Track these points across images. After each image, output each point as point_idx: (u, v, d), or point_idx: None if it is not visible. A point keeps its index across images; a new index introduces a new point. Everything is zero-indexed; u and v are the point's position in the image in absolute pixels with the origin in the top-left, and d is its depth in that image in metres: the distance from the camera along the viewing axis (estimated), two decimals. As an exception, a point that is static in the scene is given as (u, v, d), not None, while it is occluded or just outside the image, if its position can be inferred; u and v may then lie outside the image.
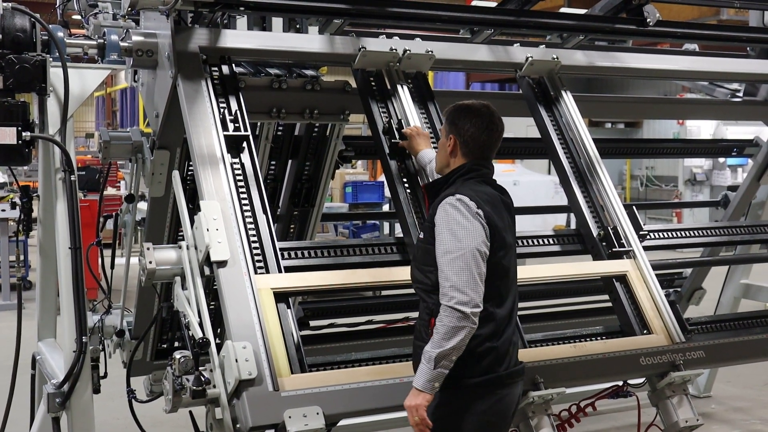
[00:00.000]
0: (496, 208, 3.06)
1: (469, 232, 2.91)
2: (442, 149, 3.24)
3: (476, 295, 2.86)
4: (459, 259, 2.88)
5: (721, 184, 16.95)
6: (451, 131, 3.19)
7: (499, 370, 3.01)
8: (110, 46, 3.93)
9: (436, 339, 2.86)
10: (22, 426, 4.71)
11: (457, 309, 2.83)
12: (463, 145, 3.16)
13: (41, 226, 4.45)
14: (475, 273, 2.88)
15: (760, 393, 7.32)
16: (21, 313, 4.49)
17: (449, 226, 2.94)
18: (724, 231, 4.92)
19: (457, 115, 3.19)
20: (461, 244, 2.89)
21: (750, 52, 5.77)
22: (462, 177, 3.13)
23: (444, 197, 3.03)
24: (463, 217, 2.93)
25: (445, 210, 2.97)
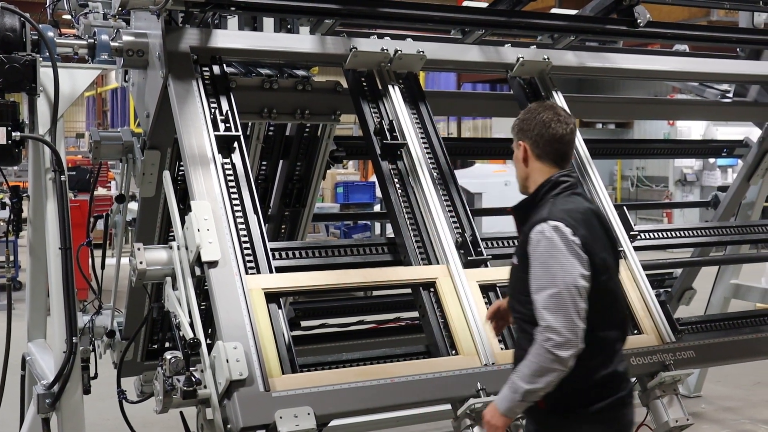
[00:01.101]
0: (591, 227, 2.83)
1: (564, 267, 2.69)
2: (517, 163, 3.01)
3: (573, 336, 2.66)
4: (554, 297, 2.67)
5: (711, 184, 17.02)
6: (518, 137, 2.98)
7: (618, 393, 2.88)
8: (101, 46, 3.92)
9: (526, 373, 2.71)
10: (12, 427, 4.69)
11: (552, 352, 2.66)
12: (534, 146, 2.93)
13: (31, 227, 4.43)
14: (572, 312, 2.67)
15: (749, 393, 7.35)
16: (11, 314, 4.48)
17: (542, 260, 2.72)
18: (715, 231, 4.94)
19: (520, 119, 3.00)
20: (556, 280, 2.68)
21: (740, 53, 5.80)
22: (550, 193, 2.90)
23: (535, 223, 2.80)
24: (557, 249, 2.70)
25: (538, 241, 2.75)
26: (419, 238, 3.68)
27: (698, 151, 8.61)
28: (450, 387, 3.23)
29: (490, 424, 2.83)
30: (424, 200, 3.74)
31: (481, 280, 3.58)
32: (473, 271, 3.61)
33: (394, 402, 3.18)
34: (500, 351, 3.40)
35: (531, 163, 2.97)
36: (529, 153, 2.96)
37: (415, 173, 3.82)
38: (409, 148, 3.87)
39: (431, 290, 3.52)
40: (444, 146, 4.01)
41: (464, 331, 3.39)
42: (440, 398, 3.26)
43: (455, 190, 3.87)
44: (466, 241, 3.67)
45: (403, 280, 3.59)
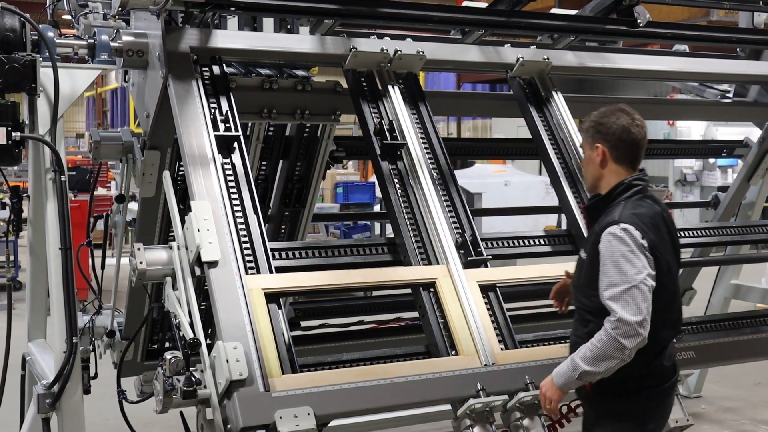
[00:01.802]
0: (658, 231, 3.00)
1: (634, 266, 2.87)
2: (590, 164, 3.14)
3: (642, 329, 2.85)
4: (626, 293, 2.85)
5: (711, 184, 17.02)
6: (596, 140, 3.09)
7: (663, 384, 3.09)
8: (100, 46, 3.92)
9: (589, 356, 2.89)
10: (12, 427, 4.70)
11: (619, 341, 2.83)
12: (613, 149, 3.06)
13: (31, 227, 4.43)
14: (643, 307, 2.84)
15: (749, 393, 7.35)
16: (11, 314, 4.48)
17: (614, 259, 2.89)
18: (715, 232, 4.94)
19: (597, 121, 3.10)
20: (627, 278, 2.85)
21: (740, 53, 5.79)
22: (623, 195, 3.05)
23: (607, 224, 2.96)
24: (628, 249, 2.88)
25: (609, 241, 2.91)
26: (419, 239, 3.68)
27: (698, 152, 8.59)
28: (450, 387, 3.23)
29: (546, 396, 3.06)
30: (423, 200, 3.74)
31: (481, 281, 3.59)
32: (473, 271, 3.61)
33: (394, 402, 3.18)
34: (500, 351, 3.40)
35: (608, 165, 3.10)
36: (608, 156, 3.08)
37: (415, 173, 3.82)
38: (408, 148, 3.87)
39: (431, 290, 3.52)
40: (444, 146, 4.01)
41: (464, 331, 3.39)
42: (440, 398, 3.26)
43: (455, 190, 3.87)
44: (466, 241, 3.67)
45: (403, 281, 3.59)
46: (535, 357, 3.47)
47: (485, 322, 3.46)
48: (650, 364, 3.04)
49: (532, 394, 3.30)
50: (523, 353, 3.48)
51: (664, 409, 3.20)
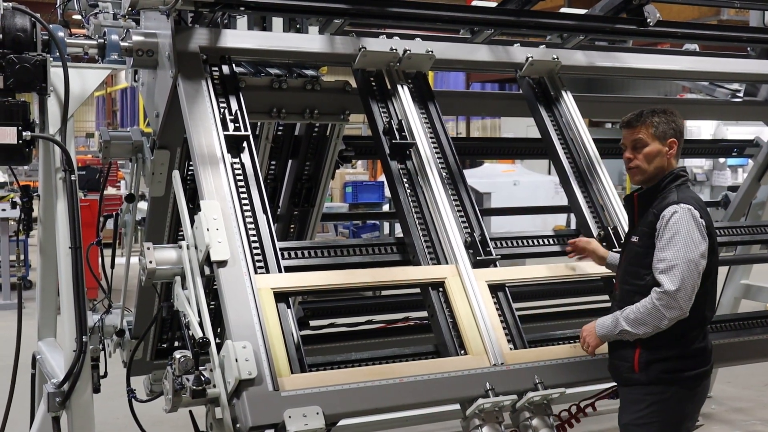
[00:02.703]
0: (709, 215, 3.27)
1: (693, 245, 3.11)
2: (658, 156, 3.34)
3: (686, 305, 3.11)
4: (678, 269, 3.09)
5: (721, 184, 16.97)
6: (671, 135, 3.35)
7: (705, 366, 3.32)
8: (110, 45, 3.93)
9: (632, 317, 3.16)
10: (23, 425, 4.71)
11: (661, 311, 3.10)
12: (679, 145, 3.37)
13: (41, 226, 4.45)
14: (689, 285, 3.10)
15: (760, 394, 7.32)
16: (21, 313, 4.50)
17: (672, 235, 3.13)
18: (725, 231, 4.92)
19: (669, 119, 3.35)
20: (683, 255, 3.10)
21: (750, 53, 5.77)
22: (674, 183, 3.31)
23: (667, 205, 3.20)
24: (689, 228, 3.13)
25: (672, 219, 3.15)
26: (428, 238, 3.68)
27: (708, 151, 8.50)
28: (459, 387, 3.23)
29: (585, 340, 3.35)
30: (433, 200, 3.74)
31: (490, 280, 3.58)
32: (482, 270, 3.61)
33: (402, 402, 3.17)
34: (509, 351, 3.39)
35: (672, 158, 3.38)
36: (676, 150, 3.38)
37: (424, 173, 3.81)
38: (418, 147, 3.87)
39: (440, 290, 3.52)
40: (453, 146, 4.00)
41: (473, 331, 3.38)
42: (449, 398, 3.26)
43: (464, 189, 3.87)
44: (475, 240, 3.67)
45: (411, 280, 3.59)
46: (544, 357, 3.46)
47: (494, 321, 3.46)
48: (694, 344, 3.26)
49: (541, 394, 3.30)
50: (532, 353, 3.47)
51: (702, 392, 3.38)
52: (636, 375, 3.28)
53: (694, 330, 3.26)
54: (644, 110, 3.41)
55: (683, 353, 3.25)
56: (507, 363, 3.33)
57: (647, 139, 3.36)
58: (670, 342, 3.22)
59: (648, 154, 3.36)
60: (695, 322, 3.23)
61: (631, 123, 3.41)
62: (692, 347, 3.28)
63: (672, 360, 3.24)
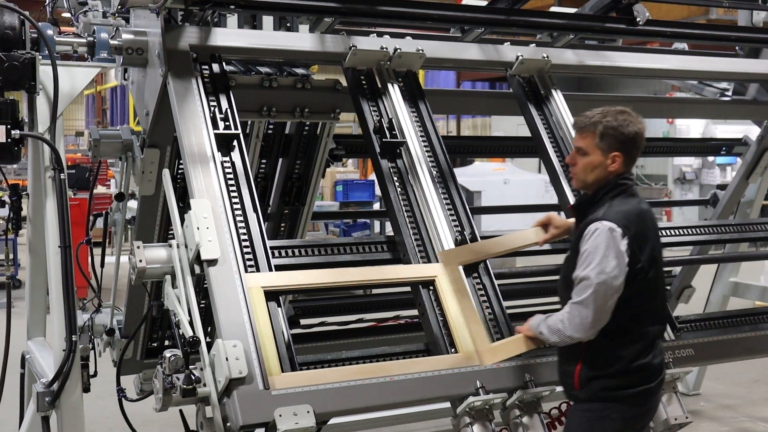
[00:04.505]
0: (644, 227, 3.08)
1: (607, 266, 2.95)
2: (598, 169, 3.13)
3: (593, 330, 3.01)
4: (589, 289, 2.96)
5: (710, 182, 17.04)
6: (616, 148, 3.10)
7: (649, 384, 3.14)
8: (100, 44, 3.92)
9: (550, 324, 3.09)
10: (12, 425, 4.70)
11: (569, 328, 3.02)
12: (627, 156, 3.12)
13: (31, 225, 4.43)
14: (601, 308, 2.97)
15: (748, 390, 7.36)
16: (10, 312, 4.48)
17: (589, 254, 2.98)
18: (714, 229, 4.94)
19: (615, 128, 3.10)
20: (597, 277, 2.95)
21: (739, 52, 5.80)
22: (610, 194, 3.11)
23: (590, 221, 3.04)
24: (605, 247, 2.96)
25: (591, 236, 3.00)
26: (418, 237, 3.68)
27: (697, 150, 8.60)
28: (449, 385, 3.23)
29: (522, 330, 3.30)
30: (423, 198, 3.75)
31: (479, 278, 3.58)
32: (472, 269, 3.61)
33: (393, 400, 3.18)
34: (499, 349, 3.40)
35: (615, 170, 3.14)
36: (621, 163, 3.13)
37: (415, 171, 3.82)
38: (408, 146, 3.87)
39: (430, 288, 3.52)
40: (443, 144, 4.01)
41: (463, 329, 3.39)
42: (439, 396, 3.26)
43: (454, 188, 3.87)
44: (466, 239, 3.68)
45: (402, 279, 3.59)
46: (534, 355, 3.47)
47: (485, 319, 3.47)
48: (635, 361, 3.09)
49: (531, 392, 3.31)
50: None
51: (649, 409, 3.24)
52: (576, 392, 3.17)
53: (636, 345, 3.10)
54: (596, 114, 3.15)
55: (624, 369, 3.09)
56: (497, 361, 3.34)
57: (588, 149, 3.14)
58: (610, 358, 3.09)
59: (587, 164, 3.15)
60: (637, 337, 3.10)
61: (577, 126, 3.21)
62: (634, 364, 3.10)
63: (612, 377, 3.09)
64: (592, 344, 3.07)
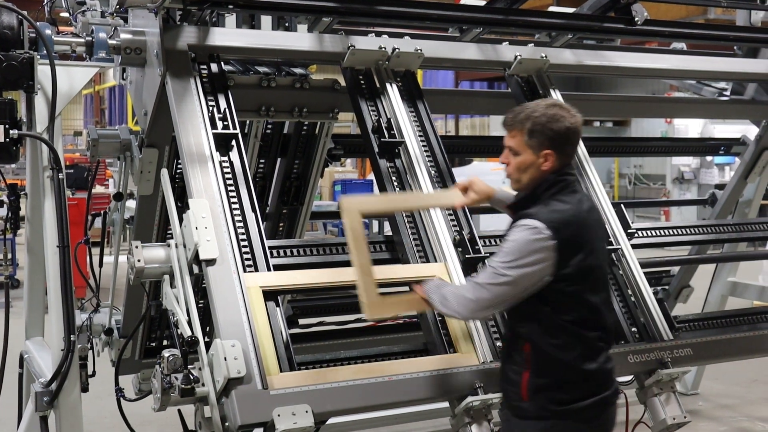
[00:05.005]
0: (579, 233, 2.87)
1: (520, 263, 2.78)
2: (530, 168, 2.92)
3: (480, 315, 3.03)
4: (494, 277, 2.81)
5: (708, 182, 17.05)
6: (544, 146, 2.89)
7: (602, 393, 2.92)
8: (98, 43, 3.91)
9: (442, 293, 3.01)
10: (10, 425, 4.69)
11: (455, 309, 2.96)
12: (560, 154, 2.91)
13: (29, 225, 4.43)
14: (496, 299, 2.83)
15: (746, 390, 7.36)
16: (9, 312, 4.47)
17: (508, 246, 2.82)
18: (712, 229, 4.95)
19: (545, 125, 2.89)
20: (506, 270, 2.79)
21: (737, 51, 5.80)
22: (549, 191, 2.91)
23: (523, 215, 2.85)
24: (524, 245, 2.79)
25: (517, 231, 2.82)
26: (417, 236, 3.68)
27: (696, 149, 8.61)
28: (448, 385, 3.23)
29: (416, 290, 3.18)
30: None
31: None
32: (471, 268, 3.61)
33: (391, 400, 3.18)
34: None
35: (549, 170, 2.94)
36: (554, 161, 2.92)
37: (413, 171, 3.82)
38: (406, 146, 3.87)
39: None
40: (442, 144, 4.01)
41: (462, 329, 3.39)
42: (438, 396, 3.27)
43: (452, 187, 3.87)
44: (464, 239, 3.68)
45: (401, 278, 3.58)
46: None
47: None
48: (579, 366, 2.88)
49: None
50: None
51: (604, 424, 2.98)
52: (525, 404, 2.91)
53: (573, 350, 2.86)
54: (524, 110, 2.95)
55: (573, 377, 2.87)
56: (496, 361, 3.34)
57: (518, 147, 2.93)
58: (555, 363, 2.86)
59: (519, 164, 2.95)
60: (571, 340, 2.86)
61: (505, 124, 2.99)
62: (581, 368, 2.87)
63: (560, 387, 2.87)
64: (537, 348, 2.87)
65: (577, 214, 2.90)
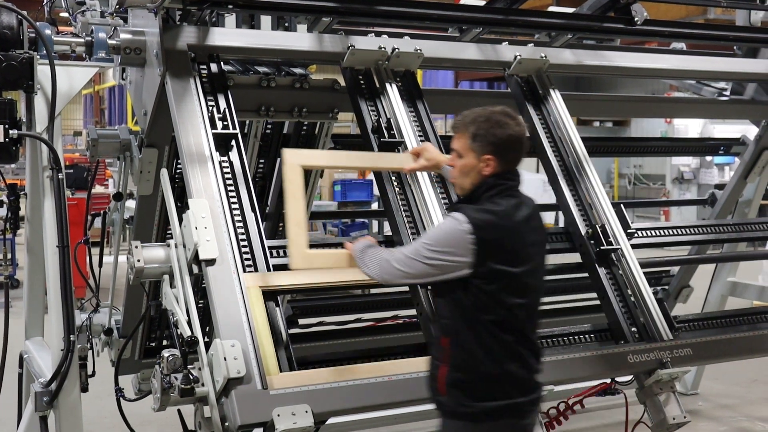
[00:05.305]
0: (507, 239, 2.85)
1: (439, 249, 2.80)
2: (472, 171, 2.94)
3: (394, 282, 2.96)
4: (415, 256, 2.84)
5: (708, 182, 17.06)
6: (486, 151, 2.90)
7: (513, 398, 2.85)
8: (98, 43, 3.91)
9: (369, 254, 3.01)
10: (10, 425, 4.69)
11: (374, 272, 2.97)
12: (502, 160, 2.92)
13: (29, 225, 4.43)
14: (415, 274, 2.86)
15: (746, 390, 7.36)
16: (8, 312, 4.47)
17: (434, 232, 2.90)
18: (712, 229, 4.95)
19: (487, 131, 2.91)
20: (426, 252, 2.82)
21: (737, 51, 5.80)
22: (487, 194, 2.92)
23: (456, 208, 2.90)
24: (448, 234, 2.81)
25: (446, 219, 2.88)
26: (417, 236, 3.68)
27: (695, 149, 8.61)
28: (447, 385, 3.22)
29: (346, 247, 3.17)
30: (421, 198, 3.74)
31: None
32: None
33: (391, 400, 3.18)
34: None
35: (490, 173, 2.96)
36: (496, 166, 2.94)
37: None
38: (406, 146, 3.87)
39: (428, 288, 3.52)
40: (441, 144, 4.01)
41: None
42: (438, 396, 3.26)
43: (452, 188, 3.87)
44: (464, 239, 3.67)
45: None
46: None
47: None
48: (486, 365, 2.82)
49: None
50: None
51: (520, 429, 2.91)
52: (442, 398, 2.90)
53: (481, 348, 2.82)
54: (470, 114, 2.97)
55: (485, 377, 2.83)
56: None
57: (462, 150, 2.95)
58: (471, 362, 2.83)
59: (462, 167, 2.96)
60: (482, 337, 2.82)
61: (453, 126, 3.03)
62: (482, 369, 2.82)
63: (472, 384, 2.83)
64: (455, 342, 2.86)
65: (506, 218, 2.88)
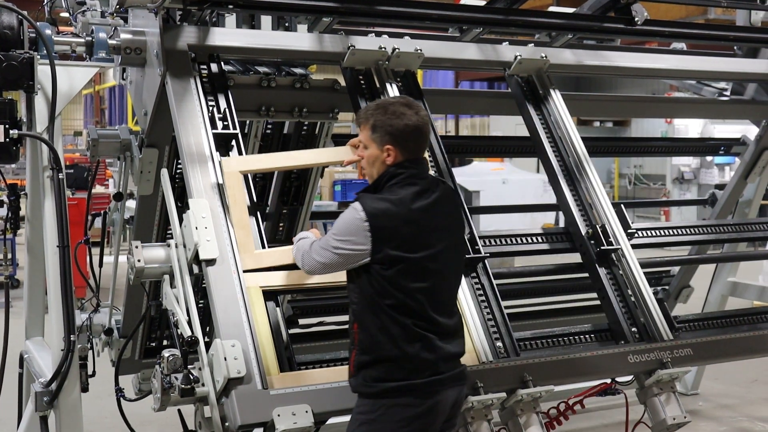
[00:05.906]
0: (399, 219, 2.91)
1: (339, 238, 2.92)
2: (377, 162, 3.03)
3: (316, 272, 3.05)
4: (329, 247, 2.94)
5: (708, 182, 17.05)
6: (385, 141, 3.00)
7: (415, 379, 2.88)
8: (98, 43, 3.92)
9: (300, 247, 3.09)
10: (10, 425, 4.69)
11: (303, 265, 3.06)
12: (403, 149, 3.00)
13: (29, 225, 4.43)
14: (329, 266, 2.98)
15: (746, 390, 7.36)
16: (9, 312, 4.47)
17: (337, 223, 2.96)
18: (712, 229, 4.95)
19: (385, 122, 3.00)
20: (335, 245, 2.92)
21: (737, 51, 5.80)
22: (388, 183, 3.01)
23: (356, 198, 2.98)
24: (347, 222, 2.92)
25: (347, 210, 2.96)
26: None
27: (696, 149, 8.60)
28: (448, 385, 3.22)
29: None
30: (421, 198, 3.73)
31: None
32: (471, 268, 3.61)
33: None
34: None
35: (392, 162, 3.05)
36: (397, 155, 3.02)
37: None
38: (406, 146, 3.86)
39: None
40: (442, 144, 4.01)
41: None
42: (438, 396, 3.25)
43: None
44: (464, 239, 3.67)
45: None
46: (533, 355, 3.47)
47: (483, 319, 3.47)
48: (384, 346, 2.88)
49: (530, 392, 3.31)
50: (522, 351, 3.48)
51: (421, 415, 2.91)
52: (352, 379, 2.96)
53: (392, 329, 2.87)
54: (371, 106, 3.09)
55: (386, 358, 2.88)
56: (496, 360, 3.34)
57: (366, 141, 3.07)
58: (375, 345, 2.89)
59: (368, 158, 3.07)
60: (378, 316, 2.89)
61: (356, 120, 3.16)
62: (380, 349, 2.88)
63: (376, 364, 2.89)
64: (362, 327, 2.93)
65: (401, 206, 2.94)
